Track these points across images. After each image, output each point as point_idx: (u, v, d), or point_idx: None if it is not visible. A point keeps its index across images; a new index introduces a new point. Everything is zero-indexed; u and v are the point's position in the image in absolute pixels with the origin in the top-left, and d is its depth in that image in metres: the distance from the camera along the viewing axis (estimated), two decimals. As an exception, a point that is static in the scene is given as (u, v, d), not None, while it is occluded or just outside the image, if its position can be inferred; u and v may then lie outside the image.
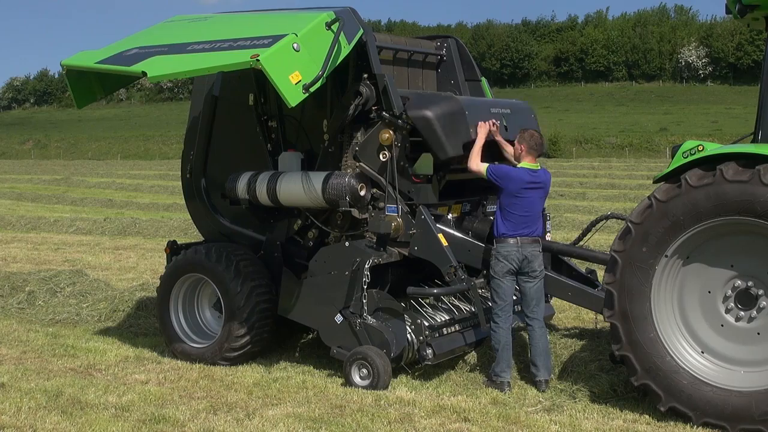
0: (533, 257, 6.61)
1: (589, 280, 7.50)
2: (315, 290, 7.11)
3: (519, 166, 6.74)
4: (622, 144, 68.87)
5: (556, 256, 7.73)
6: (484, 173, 6.71)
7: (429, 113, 6.78)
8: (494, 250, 6.67)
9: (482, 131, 6.93)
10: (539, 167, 6.77)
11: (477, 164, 6.78)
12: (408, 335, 6.82)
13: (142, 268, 13.40)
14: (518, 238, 6.58)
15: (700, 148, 5.79)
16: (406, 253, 7.02)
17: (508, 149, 7.07)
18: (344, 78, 7.07)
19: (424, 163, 7.04)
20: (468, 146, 6.90)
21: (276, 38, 6.33)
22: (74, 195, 30.39)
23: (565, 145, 67.76)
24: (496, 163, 7.00)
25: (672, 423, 5.74)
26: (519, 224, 6.58)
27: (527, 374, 6.89)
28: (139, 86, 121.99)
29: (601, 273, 6.85)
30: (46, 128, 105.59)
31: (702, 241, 5.77)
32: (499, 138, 7.11)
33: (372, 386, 6.54)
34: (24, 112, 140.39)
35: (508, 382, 6.63)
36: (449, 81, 8.23)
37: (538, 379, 6.64)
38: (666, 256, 5.77)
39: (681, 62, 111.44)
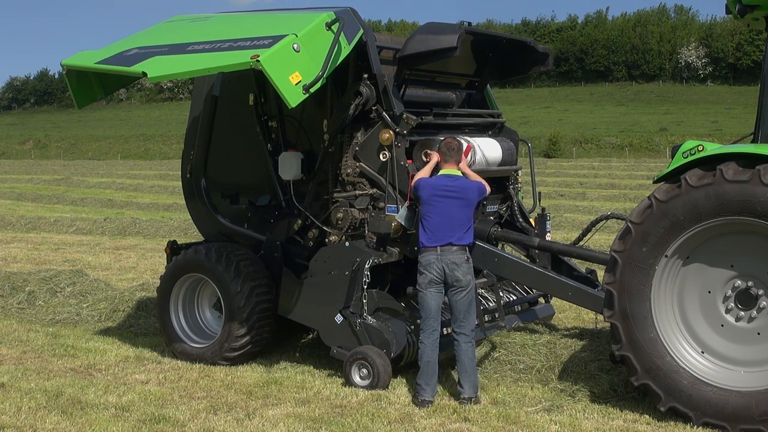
0: (455, 267, 6.28)
1: (589, 280, 7.50)
2: (315, 290, 7.10)
3: (438, 174, 6.53)
4: (622, 144, 68.89)
5: (556, 256, 7.74)
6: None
7: None
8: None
9: (433, 159, 6.69)
10: (459, 175, 6.50)
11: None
12: (408, 335, 6.82)
13: (142, 268, 13.40)
14: (438, 247, 6.32)
15: (700, 148, 5.79)
16: (407, 253, 7.02)
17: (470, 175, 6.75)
18: (344, 78, 7.07)
19: None
20: None
21: (276, 39, 6.32)
22: (74, 195, 30.37)
23: (565, 145, 67.79)
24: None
25: (672, 423, 5.74)
26: (437, 233, 6.31)
27: (527, 374, 6.89)
28: (139, 86, 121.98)
29: (601, 273, 6.84)
30: (46, 128, 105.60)
31: (702, 241, 5.77)
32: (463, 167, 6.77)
33: (372, 386, 6.54)
34: (24, 112, 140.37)
35: (429, 401, 6.26)
36: None
37: (463, 396, 6.24)
38: (666, 256, 5.77)
39: (681, 62, 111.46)
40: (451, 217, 6.33)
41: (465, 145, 6.97)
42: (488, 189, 6.68)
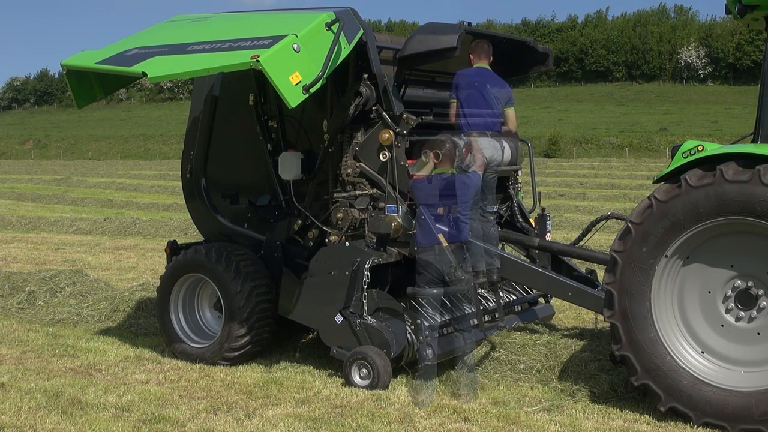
0: (452, 265, 6.32)
1: (589, 280, 7.51)
2: (315, 290, 7.10)
3: (432, 173, 6.59)
4: (622, 144, 68.92)
5: (556, 256, 7.74)
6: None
7: None
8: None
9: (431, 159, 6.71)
10: (453, 173, 6.58)
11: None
12: (408, 335, 6.82)
13: (142, 268, 13.40)
14: (435, 246, 6.36)
15: (700, 148, 5.79)
16: (406, 253, 7.03)
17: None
18: (344, 78, 7.07)
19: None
20: None
21: (276, 39, 6.33)
22: (74, 195, 30.38)
23: (565, 145, 67.84)
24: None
25: (672, 423, 5.74)
26: (434, 233, 6.36)
27: (527, 374, 6.89)
28: (139, 86, 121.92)
29: (601, 273, 6.85)
30: (46, 128, 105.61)
31: (702, 241, 5.77)
32: None
33: (372, 386, 6.54)
34: (24, 112, 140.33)
35: (429, 401, 6.25)
36: None
37: (462, 394, 6.30)
38: (666, 256, 5.78)
39: (681, 62, 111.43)
40: (446, 215, 6.34)
41: (459, 144, 6.97)
42: (481, 172, 6.65)
